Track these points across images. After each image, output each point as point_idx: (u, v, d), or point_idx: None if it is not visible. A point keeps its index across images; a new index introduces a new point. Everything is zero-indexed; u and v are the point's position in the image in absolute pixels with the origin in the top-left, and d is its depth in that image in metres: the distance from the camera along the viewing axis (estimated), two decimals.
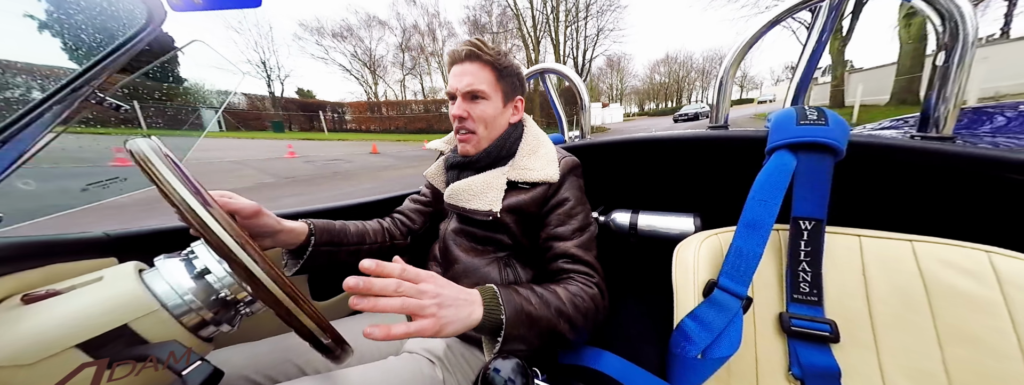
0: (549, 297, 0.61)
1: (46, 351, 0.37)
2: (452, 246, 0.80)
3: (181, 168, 0.45)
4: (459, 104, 0.76)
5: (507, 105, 0.80)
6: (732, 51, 0.95)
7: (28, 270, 0.52)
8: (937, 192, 0.72)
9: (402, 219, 0.94)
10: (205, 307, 0.46)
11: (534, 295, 0.60)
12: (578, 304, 0.63)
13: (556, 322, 0.59)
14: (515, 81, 0.80)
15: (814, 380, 0.58)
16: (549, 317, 0.59)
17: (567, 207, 0.75)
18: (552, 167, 0.76)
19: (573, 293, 0.64)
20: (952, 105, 0.69)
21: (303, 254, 0.73)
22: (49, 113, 0.55)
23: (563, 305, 0.61)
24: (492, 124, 0.78)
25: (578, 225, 0.74)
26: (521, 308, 0.55)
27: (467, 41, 0.75)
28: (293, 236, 0.70)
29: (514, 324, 0.53)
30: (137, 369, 0.39)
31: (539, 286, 0.64)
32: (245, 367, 0.63)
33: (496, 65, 0.75)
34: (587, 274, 0.70)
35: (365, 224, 0.86)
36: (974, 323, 0.52)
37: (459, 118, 0.77)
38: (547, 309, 0.59)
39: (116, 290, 0.43)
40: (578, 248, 0.72)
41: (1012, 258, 0.53)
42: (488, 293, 0.55)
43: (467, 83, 0.74)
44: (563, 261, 0.71)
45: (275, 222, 0.67)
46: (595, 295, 0.67)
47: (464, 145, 0.80)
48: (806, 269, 0.61)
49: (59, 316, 0.40)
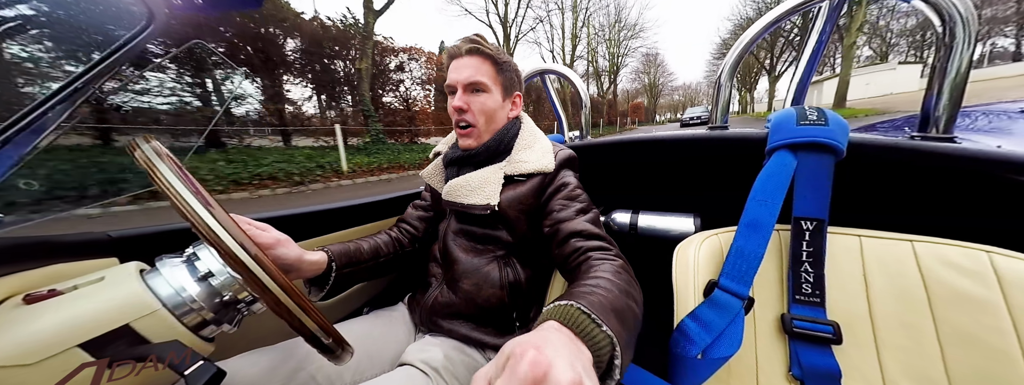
0: (603, 283, 0.50)
1: (47, 351, 0.37)
2: (452, 246, 0.80)
3: (182, 169, 0.45)
4: (459, 96, 0.76)
5: (506, 99, 0.81)
6: (732, 51, 0.95)
7: (30, 270, 0.52)
8: (937, 192, 0.72)
9: (407, 228, 0.94)
10: (206, 307, 0.46)
11: (594, 287, 0.49)
12: (623, 278, 0.54)
13: (628, 302, 0.49)
14: (513, 77, 0.81)
15: (814, 381, 0.58)
16: (623, 300, 0.48)
17: (567, 191, 0.75)
18: (547, 158, 0.77)
19: (610, 271, 0.56)
20: (952, 105, 0.70)
21: (326, 281, 0.73)
22: (51, 113, 0.55)
23: (619, 284, 0.51)
24: (492, 117, 0.79)
25: (582, 206, 0.73)
26: (603, 303, 0.44)
27: (467, 37, 0.76)
28: (314, 267, 0.69)
29: (616, 328, 0.41)
30: (138, 369, 0.39)
31: (584, 280, 0.53)
32: (254, 375, 0.62)
33: (496, 59, 0.77)
34: (605, 248, 0.65)
35: (376, 238, 0.86)
36: (975, 323, 0.52)
37: (459, 110, 0.77)
38: (615, 292, 0.48)
39: (117, 290, 0.43)
40: (589, 224, 0.69)
41: (1012, 258, 0.53)
42: (567, 313, 0.40)
43: (467, 75, 0.75)
44: (576, 239, 0.67)
45: (297, 253, 0.65)
46: (623, 265, 0.60)
47: (465, 139, 0.80)
48: (808, 270, 0.61)
49: (61, 316, 0.40)
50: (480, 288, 0.75)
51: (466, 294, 0.76)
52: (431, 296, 0.81)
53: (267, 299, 0.43)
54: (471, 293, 0.75)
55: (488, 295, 0.75)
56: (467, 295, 0.76)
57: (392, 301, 0.94)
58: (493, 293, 0.75)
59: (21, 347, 0.37)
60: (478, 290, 0.75)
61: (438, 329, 0.78)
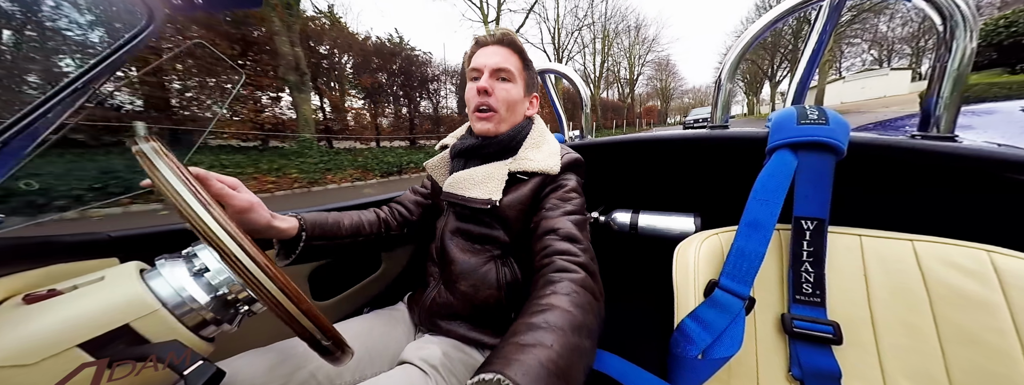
0: (553, 318, 0.47)
1: (48, 351, 0.37)
2: (449, 246, 0.80)
3: (182, 169, 0.45)
4: (486, 78, 0.76)
5: (527, 96, 0.83)
6: (732, 52, 0.95)
7: (30, 270, 0.52)
8: (938, 191, 0.72)
9: (401, 209, 0.92)
10: (206, 307, 0.46)
11: (540, 329, 0.45)
12: (580, 303, 0.52)
13: (579, 345, 0.46)
14: (535, 77, 0.84)
15: (814, 381, 0.58)
16: (572, 346, 0.45)
17: (562, 192, 0.74)
18: (553, 159, 0.76)
19: (566, 292, 0.53)
20: (953, 104, 0.69)
21: (294, 249, 0.71)
22: (50, 113, 0.55)
23: (573, 315, 0.49)
24: (513, 108, 0.79)
25: (571, 208, 0.72)
26: (543, 368, 0.40)
27: (500, 28, 0.79)
28: (282, 234, 0.68)
29: None
30: (137, 369, 0.39)
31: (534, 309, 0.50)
32: (254, 374, 0.62)
33: (523, 55, 0.79)
34: (572, 254, 0.61)
35: (361, 215, 0.84)
36: (975, 323, 0.52)
37: (483, 91, 0.75)
38: (564, 336, 0.45)
39: (117, 290, 0.43)
40: (570, 224, 0.67)
41: (1013, 257, 0.53)
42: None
43: (496, 61, 0.76)
44: (550, 236, 0.66)
45: (266, 220, 0.65)
46: (584, 279, 0.57)
47: (483, 123, 0.78)
48: (809, 270, 0.61)
49: (61, 316, 0.40)
50: (478, 289, 0.75)
51: (464, 295, 0.75)
52: (429, 296, 0.81)
53: (267, 300, 0.43)
54: (469, 294, 0.75)
55: (486, 296, 0.74)
56: (465, 296, 0.75)
57: (392, 300, 0.94)
58: (491, 294, 0.74)
59: (21, 347, 0.37)
60: (475, 291, 0.75)
61: (437, 329, 0.78)
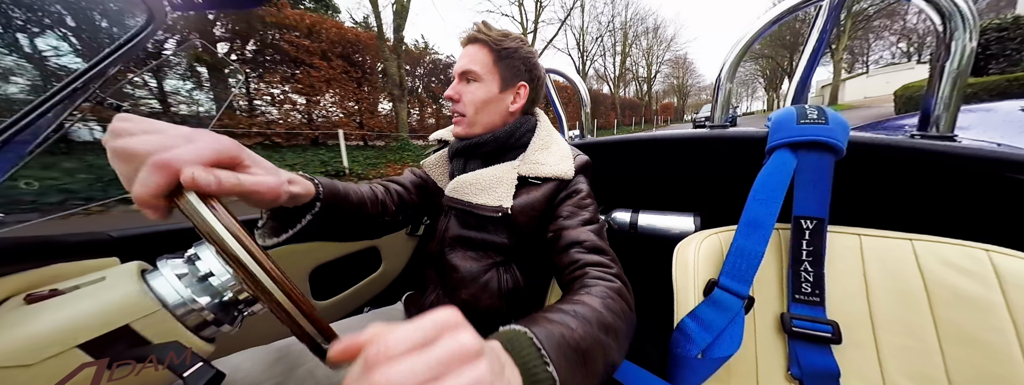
0: (583, 311, 0.47)
1: (48, 351, 0.37)
2: (450, 253, 0.77)
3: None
4: (453, 85, 0.75)
5: (506, 90, 0.74)
6: (732, 51, 0.95)
7: (31, 270, 0.52)
8: (937, 191, 0.72)
9: (399, 190, 0.80)
10: (207, 307, 0.46)
11: (567, 314, 0.45)
12: (612, 307, 0.51)
13: (604, 340, 0.46)
14: (518, 66, 0.74)
15: (813, 380, 0.58)
16: (595, 338, 0.45)
17: (577, 198, 0.71)
18: (566, 163, 0.73)
19: (600, 296, 0.52)
20: (952, 104, 0.69)
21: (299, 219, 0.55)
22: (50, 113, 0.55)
23: (602, 314, 0.48)
24: (483, 108, 0.74)
25: (589, 216, 0.70)
26: (564, 341, 0.40)
27: (474, 24, 0.74)
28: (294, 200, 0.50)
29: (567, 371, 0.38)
30: (137, 369, 0.39)
31: (565, 302, 0.50)
32: (253, 372, 0.62)
33: (494, 47, 0.71)
34: (605, 265, 0.61)
35: (361, 190, 0.70)
36: (974, 323, 0.52)
37: (450, 99, 0.75)
38: (589, 327, 0.45)
39: (118, 290, 0.43)
40: (593, 235, 0.65)
41: (1013, 257, 0.53)
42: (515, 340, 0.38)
43: (461, 64, 0.73)
44: (576, 250, 0.64)
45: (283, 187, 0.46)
46: (620, 288, 0.56)
47: (456, 127, 0.78)
48: (808, 269, 0.61)
49: (61, 316, 0.40)
50: (478, 299, 0.73)
51: (464, 304, 0.73)
52: (428, 301, 0.79)
53: (271, 304, 0.43)
54: (470, 303, 0.73)
55: (487, 305, 0.73)
56: (465, 305, 0.73)
57: (392, 300, 0.94)
58: (492, 304, 0.73)
59: (21, 347, 0.37)
60: (476, 301, 0.73)
61: None
